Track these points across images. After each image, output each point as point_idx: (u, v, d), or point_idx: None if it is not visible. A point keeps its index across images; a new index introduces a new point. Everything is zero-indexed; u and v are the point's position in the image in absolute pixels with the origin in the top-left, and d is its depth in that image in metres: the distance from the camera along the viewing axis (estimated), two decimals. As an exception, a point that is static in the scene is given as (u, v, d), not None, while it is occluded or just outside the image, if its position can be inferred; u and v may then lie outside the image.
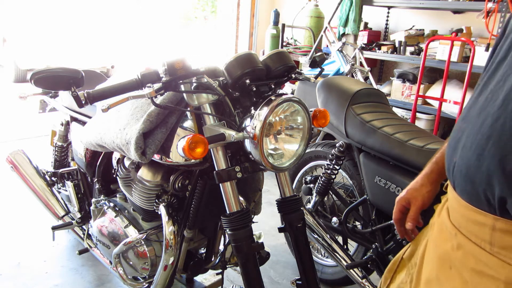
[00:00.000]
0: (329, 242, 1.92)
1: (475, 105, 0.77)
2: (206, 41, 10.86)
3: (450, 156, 0.82)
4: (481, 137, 0.71)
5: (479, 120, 0.73)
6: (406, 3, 4.09)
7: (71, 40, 6.78)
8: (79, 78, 1.14)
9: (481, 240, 0.74)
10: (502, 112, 0.68)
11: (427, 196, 1.03)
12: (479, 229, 0.74)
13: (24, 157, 2.30)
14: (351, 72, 3.72)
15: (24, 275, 2.16)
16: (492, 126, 0.70)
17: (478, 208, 0.74)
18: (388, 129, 1.73)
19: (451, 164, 0.81)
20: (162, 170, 1.50)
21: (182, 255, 1.55)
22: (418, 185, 1.05)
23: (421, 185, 1.04)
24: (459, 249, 0.79)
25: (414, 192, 1.05)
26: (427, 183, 1.04)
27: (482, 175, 0.70)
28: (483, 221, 0.73)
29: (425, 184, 1.04)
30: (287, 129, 1.29)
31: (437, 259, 0.85)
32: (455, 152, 0.79)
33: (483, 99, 0.75)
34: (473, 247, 0.75)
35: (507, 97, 0.68)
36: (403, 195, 1.07)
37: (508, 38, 0.76)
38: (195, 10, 15.30)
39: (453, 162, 0.80)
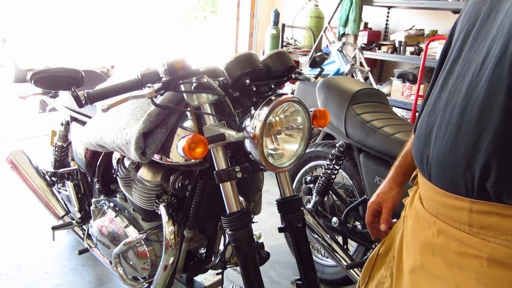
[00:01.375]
0: (329, 242, 1.92)
1: (439, 101, 0.84)
2: (206, 41, 10.87)
3: (421, 150, 0.86)
4: (452, 127, 0.77)
5: (447, 112, 0.80)
6: (406, 3, 4.09)
7: (71, 40, 6.79)
8: (79, 78, 1.14)
9: (460, 223, 0.79)
10: (467, 101, 0.75)
11: (397, 197, 1.12)
12: (458, 214, 0.79)
13: (24, 157, 2.30)
14: (351, 72, 3.72)
15: (24, 275, 2.16)
16: (461, 115, 0.76)
17: (456, 194, 0.78)
18: (388, 129, 1.73)
19: (423, 156, 0.85)
20: (162, 170, 1.50)
21: (182, 255, 1.55)
22: (387, 189, 1.13)
23: (389, 188, 1.13)
24: (440, 235, 0.83)
25: (384, 195, 1.13)
26: (394, 186, 1.12)
27: (460, 161, 0.75)
28: (460, 205, 0.78)
29: (393, 187, 1.12)
30: (287, 129, 1.29)
31: (419, 248, 0.88)
32: (426, 145, 0.84)
33: (446, 94, 0.82)
34: (453, 231, 0.80)
35: (469, 88, 0.75)
36: (374, 199, 1.15)
37: (459, 39, 0.84)
38: (195, 10, 15.31)
39: (426, 155, 0.84)
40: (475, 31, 0.79)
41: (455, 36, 0.88)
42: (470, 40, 0.80)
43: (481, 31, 0.78)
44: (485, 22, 0.77)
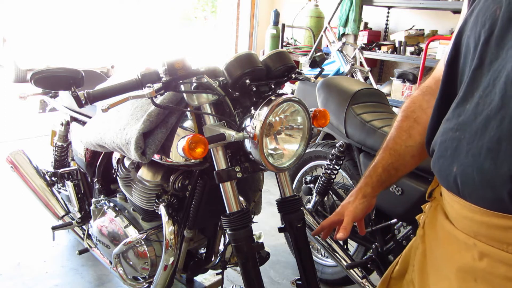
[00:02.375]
0: (329, 242, 1.92)
1: (464, 114, 0.77)
2: (206, 41, 10.86)
3: (446, 167, 0.79)
4: (489, 141, 0.71)
5: (478, 126, 0.73)
6: (406, 3, 4.09)
7: (71, 40, 6.79)
8: (79, 78, 1.14)
9: (508, 245, 0.72)
10: (505, 113, 0.68)
11: (360, 208, 1.11)
12: (505, 234, 0.72)
13: (24, 157, 2.30)
14: (351, 72, 3.72)
15: (24, 275, 2.16)
16: (500, 128, 0.69)
17: (501, 212, 0.71)
18: (388, 129, 1.72)
19: (450, 174, 0.78)
20: (162, 170, 1.50)
21: (182, 255, 1.55)
22: (352, 199, 1.13)
23: (355, 198, 1.12)
24: (483, 258, 0.75)
25: (347, 206, 1.13)
26: (360, 196, 1.11)
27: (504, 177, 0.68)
28: (509, 224, 0.71)
29: (358, 197, 1.11)
30: (287, 129, 1.29)
31: (456, 273, 0.80)
32: (453, 162, 0.77)
33: (472, 107, 0.75)
34: (500, 254, 0.73)
35: (504, 98, 0.69)
36: (338, 210, 1.15)
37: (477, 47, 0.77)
38: (195, 10, 15.31)
39: (453, 172, 0.77)
40: (497, 37, 0.73)
41: (466, 45, 0.81)
42: (493, 47, 0.74)
43: (505, 36, 0.72)
44: (508, 27, 0.71)
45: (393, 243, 1.71)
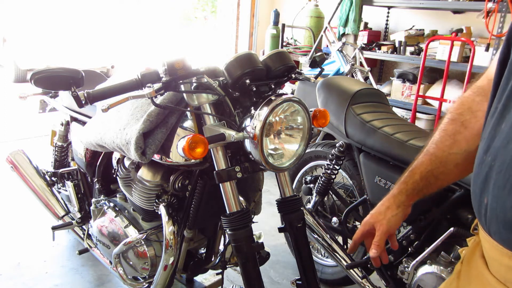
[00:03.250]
0: (329, 242, 1.92)
1: (497, 135, 0.66)
2: (206, 41, 10.86)
3: (478, 196, 0.69)
4: None
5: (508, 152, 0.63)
6: (406, 3, 4.09)
7: (71, 40, 6.78)
8: (79, 78, 1.14)
9: None
10: None
11: (393, 221, 0.97)
12: None
13: (24, 157, 2.30)
14: (351, 72, 3.72)
15: (24, 275, 2.16)
16: None
17: None
18: (388, 129, 1.73)
19: (481, 206, 0.68)
20: (162, 170, 1.50)
21: (182, 255, 1.55)
22: (384, 208, 0.98)
23: (387, 208, 0.98)
24: None
25: (379, 216, 0.98)
26: (393, 206, 0.97)
27: None
28: None
29: (391, 207, 0.97)
30: (287, 129, 1.29)
31: None
32: (484, 192, 0.67)
33: (507, 128, 0.64)
34: None
35: None
36: (367, 219, 1.01)
37: None
38: (195, 10, 15.30)
39: (484, 204, 0.67)
40: None
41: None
42: None
43: None
44: None
45: (393, 243, 1.71)
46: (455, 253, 1.49)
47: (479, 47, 3.44)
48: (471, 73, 3.29)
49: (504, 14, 3.31)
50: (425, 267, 1.53)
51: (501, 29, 3.35)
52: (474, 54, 3.25)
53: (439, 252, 1.52)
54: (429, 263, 1.52)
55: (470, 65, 3.26)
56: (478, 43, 3.57)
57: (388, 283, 1.72)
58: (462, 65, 3.57)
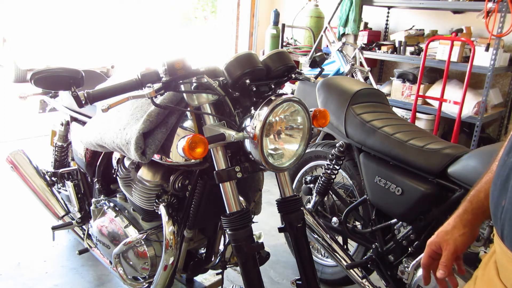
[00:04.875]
0: (329, 242, 1.92)
1: None
2: (206, 41, 10.86)
3: (496, 199, 0.68)
4: None
5: None
6: (406, 3, 4.09)
7: (71, 40, 6.78)
8: (79, 78, 1.14)
9: None
10: None
11: (460, 240, 0.91)
12: None
13: (24, 157, 2.30)
14: (351, 72, 3.72)
15: (24, 275, 2.16)
16: None
17: None
18: (388, 129, 1.73)
19: (498, 208, 0.67)
20: (162, 170, 1.50)
21: (182, 255, 1.55)
22: (450, 227, 0.93)
23: (453, 227, 0.93)
24: None
25: (445, 236, 0.93)
26: (459, 225, 0.92)
27: None
28: None
29: (457, 226, 0.92)
30: (287, 129, 1.29)
31: None
32: (502, 194, 0.65)
33: None
34: None
35: None
36: (433, 238, 0.96)
37: None
38: (195, 10, 15.30)
39: (501, 207, 0.65)
40: None
41: None
42: None
43: None
44: None
45: (393, 243, 1.71)
46: (455, 253, 1.49)
47: (479, 47, 3.44)
48: (471, 73, 3.29)
49: (504, 14, 3.31)
50: (425, 267, 1.53)
51: (501, 29, 3.35)
52: (474, 54, 3.25)
53: (439, 252, 1.52)
54: (429, 263, 1.52)
55: (470, 65, 3.26)
56: (478, 43, 3.57)
57: (388, 283, 1.72)
58: (462, 65, 3.57)
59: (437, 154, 1.54)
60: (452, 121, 3.62)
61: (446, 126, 4.07)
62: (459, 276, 1.44)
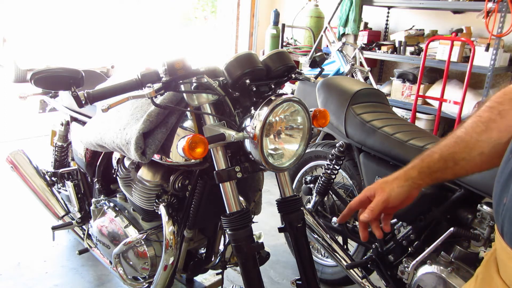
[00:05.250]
0: (329, 242, 1.92)
1: None
2: (206, 41, 10.86)
3: (498, 195, 0.67)
4: None
5: None
6: (406, 3, 4.09)
7: (71, 40, 6.78)
8: (79, 78, 1.14)
9: None
10: None
11: (396, 191, 0.90)
12: None
13: (24, 157, 2.30)
14: (351, 72, 3.72)
15: (24, 275, 2.16)
16: None
17: None
18: (388, 129, 1.73)
19: (500, 205, 0.66)
20: (162, 170, 1.50)
21: (182, 255, 1.55)
22: (391, 178, 0.93)
23: (394, 178, 0.92)
24: None
25: (383, 184, 0.93)
26: (402, 178, 0.91)
27: None
28: None
29: (399, 178, 0.91)
30: (287, 129, 1.29)
31: None
32: (504, 191, 0.65)
33: None
34: None
35: None
36: (371, 185, 0.95)
37: None
38: (195, 10, 15.30)
39: (503, 204, 0.65)
40: None
41: None
42: None
43: None
44: None
45: (393, 243, 1.71)
46: (455, 253, 1.49)
47: (479, 47, 3.44)
48: (471, 73, 3.29)
49: (504, 14, 3.31)
50: (425, 267, 1.53)
51: (501, 29, 3.35)
52: (474, 54, 3.25)
53: (439, 252, 1.52)
54: (429, 263, 1.52)
55: (470, 65, 3.26)
56: (478, 43, 3.57)
57: (388, 283, 1.72)
58: (462, 65, 3.57)
59: (437, 154, 1.54)
60: (452, 121, 3.62)
61: (446, 126, 4.07)
62: (458, 276, 1.44)
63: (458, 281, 1.43)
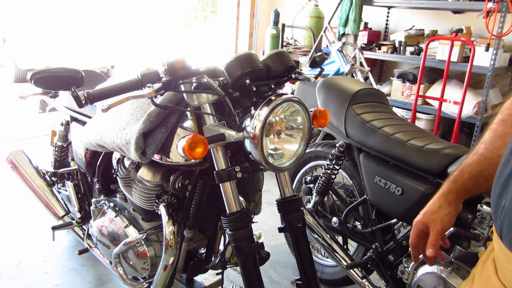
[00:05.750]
0: (329, 242, 1.92)
1: None
2: (206, 41, 10.86)
3: (498, 197, 0.68)
4: None
5: None
6: (406, 3, 4.09)
7: (71, 40, 6.78)
8: (79, 78, 1.14)
9: None
10: None
11: (447, 219, 0.96)
12: None
13: (24, 157, 2.30)
14: (351, 72, 3.72)
15: (24, 275, 2.16)
16: None
17: None
18: (388, 129, 1.73)
19: (498, 207, 0.67)
20: (162, 170, 1.50)
21: (182, 255, 1.55)
22: (436, 207, 0.97)
23: (439, 207, 0.97)
24: None
25: (432, 215, 0.98)
26: (445, 205, 0.96)
27: None
28: None
29: (443, 206, 0.96)
30: (287, 129, 1.29)
31: None
32: (503, 193, 0.66)
33: None
34: None
35: None
36: (419, 218, 1.00)
37: None
38: (195, 10, 15.30)
39: (502, 206, 0.66)
40: None
41: None
42: None
43: None
44: None
45: (393, 243, 1.71)
46: (455, 253, 1.49)
47: (479, 47, 3.44)
48: (471, 73, 3.29)
49: (504, 14, 3.31)
50: (425, 267, 1.53)
51: (501, 29, 3.35)
52: (474, 54, 3.25)
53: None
54: (429, 263, 1.52)
55: (470, 65, 3.26)
56: (478, 43, 3.57)
57: (388, 283, 1.73)
58: (462, 65, 3.57)
59: (437, 154, 1.54)
60: (452, 121, 3.62)
61: (446, 126, 4.07)
62: (458, 276, 1.44)
63: (458, 281, 1.43)
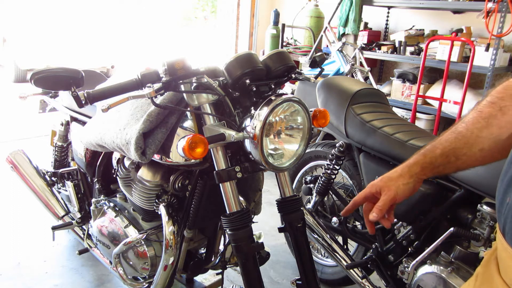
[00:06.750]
0: (329, 242, 1.92)
1: None
2: (206, 41, 10.86)
3: (502, 195, 0.67)
4: None
5: None
6: (406, 3, 4.09)
7: (71, 40, 6.78)
8: (79, 78, 1.14)
9: None
10: None
11: (402, 189, 0.92)
12: None
13: (24, 157, 2.30)
14: (351, 72, 3.72)
15: (24, 275, 2.16)
16: None
17: None
18: (388, 129, 1.73)
19: (503, 205, 0.66)
20: (162, 170, 1.50)
21: (182, 255, 1.55)
22: (396, 175, 0.93)
23: (399, 175, 0.93)
24: None
25: (389, 181, 0.93)
26: (406, 175, 0.92)
27: None
28: None
29: (404, 175, 0.92)
30: (287, 129, 1.29)
31: None
32: (508, 191, 0.64)
33: None
34: None
35: None
36: (376, 182, 0.95)
37: None
38: (195, 10, 15.31)
39: (506, 204, 0.64)
40: None
41: None
42: None
43: None
44: None
45: (393, 243, 1.71)
46: (455, 253, 1.49)
47: (479, 47, 3.44)
48: (471, 73, 3.29)
49: (504, 14, 3.31)
50: (425, 267, 1.53)
51: (501, 29, 3.35)
52: (474, 54, 3.25)
53: (439, 252, 1.52)
54: (429, 263, 1.52)
55: (470, 65, 3.26)
56: (478, 43, 3.57)
57: (388, 283, 1.72)
58: (462, 65, 3.57)
59: (437, 154, 1.54)
60: (452, 121, 3.62)
61: (446, 126, 4.05)
62: (458, 276, 1.44)
63: (458, 281, 1.43)
